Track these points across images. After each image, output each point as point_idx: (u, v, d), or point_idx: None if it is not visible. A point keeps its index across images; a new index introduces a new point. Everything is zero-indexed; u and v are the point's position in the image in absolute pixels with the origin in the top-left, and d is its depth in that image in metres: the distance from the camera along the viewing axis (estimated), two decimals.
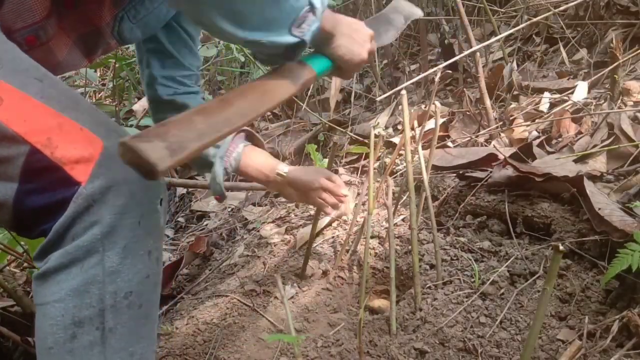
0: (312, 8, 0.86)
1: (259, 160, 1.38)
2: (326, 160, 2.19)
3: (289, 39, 0.85)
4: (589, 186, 1.39)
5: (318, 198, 1.39)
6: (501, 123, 1.99)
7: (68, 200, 0.78)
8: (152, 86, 1.42)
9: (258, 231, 1.95)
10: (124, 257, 0.80)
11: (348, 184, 1.98)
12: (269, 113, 3.23)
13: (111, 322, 0.80)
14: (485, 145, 1.90)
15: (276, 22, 0.83)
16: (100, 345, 0.80)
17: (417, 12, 1.30)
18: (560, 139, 1.80)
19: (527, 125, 1.93)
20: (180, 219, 2.53)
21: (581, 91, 2.00)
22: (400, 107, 2.28)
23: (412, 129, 1.51)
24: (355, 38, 1.04)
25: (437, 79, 1.46)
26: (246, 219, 2.14)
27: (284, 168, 1.39)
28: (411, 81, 1.84)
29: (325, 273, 1.55)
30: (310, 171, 1.42)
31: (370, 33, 1.08)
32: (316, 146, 2.28)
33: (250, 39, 0.83)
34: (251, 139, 1.41)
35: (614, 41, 1.80)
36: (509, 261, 1.39)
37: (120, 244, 0.80)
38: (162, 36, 1.36)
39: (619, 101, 1.79)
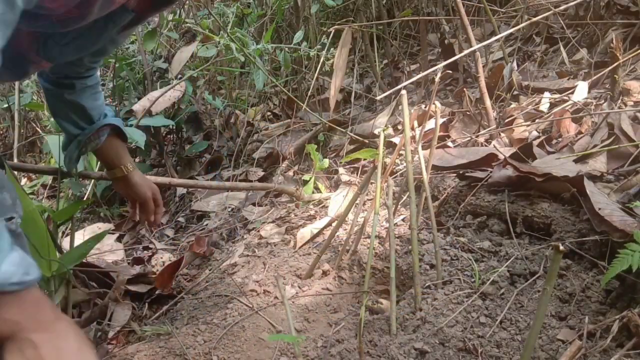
0: None
1: (114, 150, 1.49)
2: (326, 160, 2.19)
3: None
4: (589, 186, 1.39)
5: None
6: (496, 125, 1.99)
7: None
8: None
9: (258, 231, 1.95)
10: None
11: (348, 183, 1.98)
12: (269, 113, 3.23)
13: None
14: (485, 145, 1.90)
15: None
16: None
17: None
18: (560, 139, 1.80)
19: (527, 125, 1.93)
20: (180, 219, 2.53)
21: (581, 91, 2.00)
22: (400, 107, 2.28)
23: (412, 129, 1.51)
24: None
25: (437, 79, 1.46)
26: (246, 219, 2.14)
27: (130, 166, 1.52)
28: (411, 81, 1.83)
29: (325, 273, 1.55)
30: (146, 182, 1.58)
31: None
32: (316, 146, 2.28)
33: None
34: (117, 131, 1.48)
35: (614, 41, 1.80)
36: (509, 261, 1.39)
37: None
38: None
39: (619, 101, 1.79)
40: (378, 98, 2.44)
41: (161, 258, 2.05)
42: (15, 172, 1.90)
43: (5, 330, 0.75)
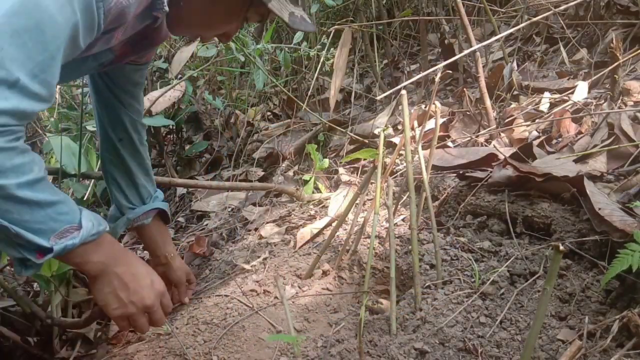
0: (80, 227, 0.94)
1: (161, 234, 1.56)
2: (326, 160, 2.19)
3: (40, 241, 0.89)
4: (589, 186, 1.39)
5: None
6: (496, 125, 1.99)
7: None
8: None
9: (258, 231, 1.95)
10: None
11: (348, 183, 1.98)
12: (269, 113, 3.23)
13: None
14: (485, 145, 1.90)
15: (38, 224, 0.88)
16: None
17: None
18: (560, 139, 1.80)
19: (527, 125, 1.93)
20: (180, 219, 2.53)
21: (581, 91, 2.00)
22: (400, 107, 2.28)
23: (412, 129, 1.51)
24: (122, 289, 1.07)
25: (437, 79, 1.46)
26: (246, 219, 2.14)
27: (173, 252, 1.57)
28: (411, 81, 1.83)
29: (325, 273, 1.55)
30: (183, 265, 1.59)
31: (159, 291, 1.15)
32: (316, 146, 2.28)
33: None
34: (164, 216, 1.57)
35: (614, 41, 1.80)
36: (509, 261, 1.39)
37: None
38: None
39: (619, 101, 1.79)
40: (378, 98, 2.44)
41: None
42: None
43: (96, 270, 1.03)
